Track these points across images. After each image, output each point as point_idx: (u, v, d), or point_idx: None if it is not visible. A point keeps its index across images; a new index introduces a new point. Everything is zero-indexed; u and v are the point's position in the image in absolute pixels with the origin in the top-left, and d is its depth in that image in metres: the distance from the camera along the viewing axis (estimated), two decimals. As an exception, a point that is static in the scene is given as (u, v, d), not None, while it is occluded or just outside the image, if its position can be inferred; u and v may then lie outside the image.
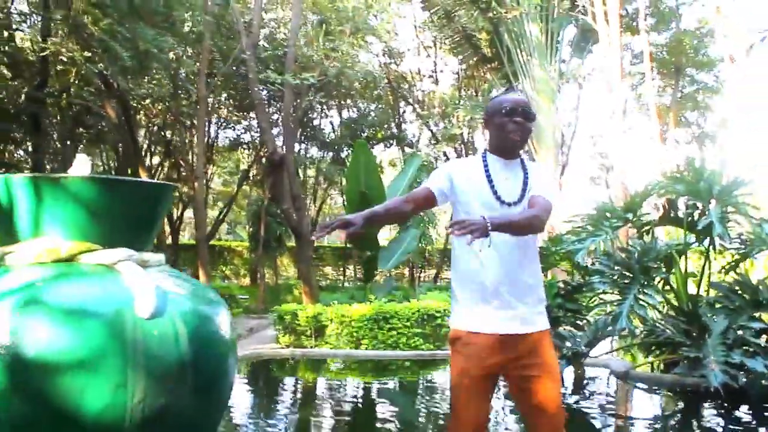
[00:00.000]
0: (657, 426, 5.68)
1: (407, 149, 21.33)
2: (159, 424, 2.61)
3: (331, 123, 21.55)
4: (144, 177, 12.89)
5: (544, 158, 15.10)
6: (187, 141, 17.24)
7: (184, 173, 16.74)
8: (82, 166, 3.17)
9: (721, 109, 23.51)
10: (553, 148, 15.31)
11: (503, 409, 5.85)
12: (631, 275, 6.32)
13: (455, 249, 2.78)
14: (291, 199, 11.42)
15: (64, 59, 8.61)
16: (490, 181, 2.71)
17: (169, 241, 18.41)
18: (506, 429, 5.49)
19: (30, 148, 14.91)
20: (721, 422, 5.79)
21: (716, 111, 24.73)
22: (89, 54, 8.79)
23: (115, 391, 2.48)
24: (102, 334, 2.50)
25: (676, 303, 6.93)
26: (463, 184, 2.73)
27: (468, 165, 2.81)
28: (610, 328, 6.54)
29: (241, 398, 6.26)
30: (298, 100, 14.32)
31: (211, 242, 19.86)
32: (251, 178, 20.61)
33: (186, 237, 26.32)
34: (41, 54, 11.17)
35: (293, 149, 14.71)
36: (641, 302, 6.17)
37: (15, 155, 14.66)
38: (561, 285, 7.66)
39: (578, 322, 7.52)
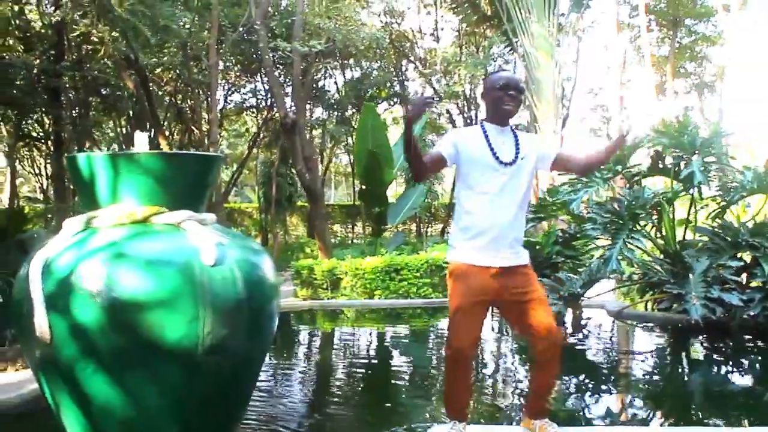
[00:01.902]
0: (647, 358, 6.33)
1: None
2: (222, 352, 3.20)
3: (336, 84, 21.87)
4: (163, 144, 13.44)
5: (545, 112, 15.42)
6: (198, 107, 17.67)
7: (195, 139, 17.21)
8: (142, 143, 3.76)
9: (718, 59, 23.76)
10: (553, 102, 15.63)
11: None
12: (621, 222, 6.89)
13: (461, 197, 3.37)
14: (303, 160, 11.99)
15: (95, 39, 9.08)
16: (490, 146, 3.32)
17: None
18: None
19: (43, 119, 15.42)
20: (705, 353, 6.46)
21: (714, 61, 24.99)
22: (116, 34, 9.29)
23: (189, 324, 3.06)
24: (177, 279, 3.08)
25: (665, 247, 7.51)
26: (467, 149, 3.31)
27: (469, 134, 3.41)
28: (602, 270, 7.14)
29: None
30: (306, 64, 14.70)
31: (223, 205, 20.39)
32: (259, 140, 21.07)
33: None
34: (55, 28, 11.60)
35: (304, 113, 15.18)
36: (630, 246, 6.76)
37: (34, 128, 15.15)
38: (559, 233, 8.24)
39: (576, 267, 8.13)
